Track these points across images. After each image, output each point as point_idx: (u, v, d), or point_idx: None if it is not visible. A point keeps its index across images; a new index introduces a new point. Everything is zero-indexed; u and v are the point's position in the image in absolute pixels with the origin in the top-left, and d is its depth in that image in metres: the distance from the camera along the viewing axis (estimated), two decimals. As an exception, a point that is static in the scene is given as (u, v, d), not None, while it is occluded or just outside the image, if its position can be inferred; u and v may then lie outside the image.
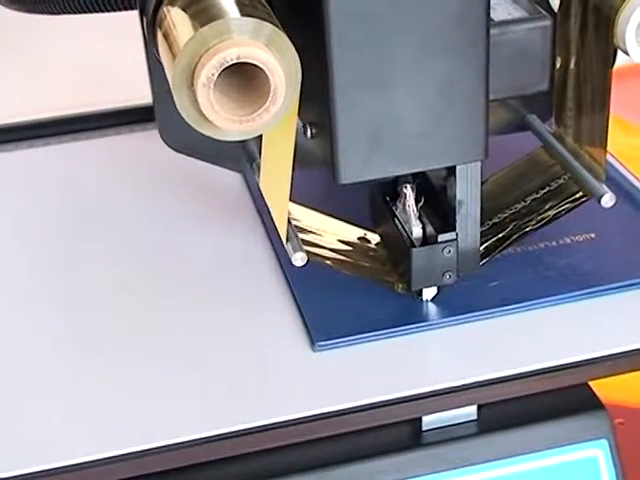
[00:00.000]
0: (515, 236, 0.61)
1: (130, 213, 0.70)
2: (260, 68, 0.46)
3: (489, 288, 0.60)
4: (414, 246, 0.58)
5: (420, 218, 0.59)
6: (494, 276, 0.61)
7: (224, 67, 0.46)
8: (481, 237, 0.59)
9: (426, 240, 0.58)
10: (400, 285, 0.60)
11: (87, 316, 0.61)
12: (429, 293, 0.59)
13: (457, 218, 0.57)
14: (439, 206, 0.58)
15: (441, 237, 0.57)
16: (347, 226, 0.63)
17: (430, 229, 0.58)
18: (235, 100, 0.47)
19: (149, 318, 0.61)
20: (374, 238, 0.63)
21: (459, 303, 0.59)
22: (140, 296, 0.62)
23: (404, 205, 0.59)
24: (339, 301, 0.60)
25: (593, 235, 0.65)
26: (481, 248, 0.59)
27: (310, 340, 0.58)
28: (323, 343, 0.57)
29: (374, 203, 0.63)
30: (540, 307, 0.59)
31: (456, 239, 0.57)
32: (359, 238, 0.63)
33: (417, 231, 0.58)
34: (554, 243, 0.64)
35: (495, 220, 0.61)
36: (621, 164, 0.71)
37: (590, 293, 0.60)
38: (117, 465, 0.52)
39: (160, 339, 0.59)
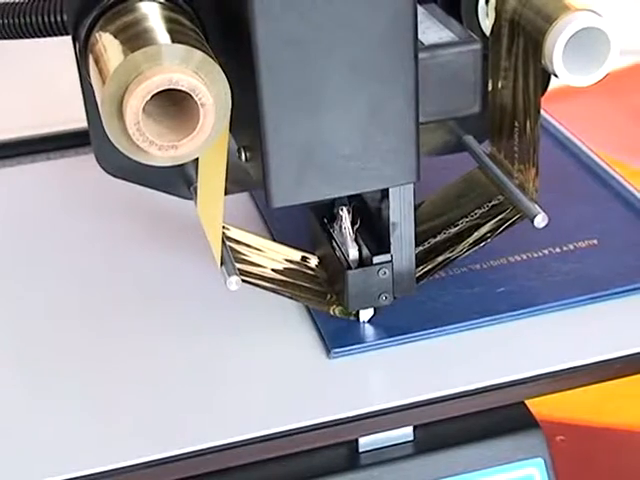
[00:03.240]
0: (451, 257, 0.61)
1: (108, 237, 0.70)
2: (189, 94, 0.46)
3: (498, 294, 0.61)
4: (350, 268, 0.58)
5: (356, 240, 0.59)
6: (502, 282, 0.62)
7: (153, 93, 0.46)
8: (419, 258, 0.60)
9: (362, 262, 0.59)
10: (336, 307, 0.60)
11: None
12: (366, 314, 0.60)
13: (391, 240, 0.57)
14: (375, 228, 0.59)
15: (376, 259, 0.58)
16: (287, 249, 0.63)
17: (366, 251, 0.58)
18: (165, 126, 0.48)
19: (159, 326, 0.61)
20: (313, 260, 0.63)
21: (476, 308, 0.60)
22: (146, 311, 0.63)
23: (340, 227, 0.59)
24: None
25: (595, 241, 0.66)
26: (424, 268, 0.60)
27: (326, 349, 0.58)
28: (339, 351, 0.58)
29: (312, 225, 0.63)
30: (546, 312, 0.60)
31: (391, 261, 0.58)
32: (299, 260, 0.63)
33: (353, 253, 0.58)
34: (558, 250, 0.65)
35: (427, 244, 0.62)
36: (616, 172, 0.72)
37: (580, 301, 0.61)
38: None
39: (174, 346, 0.59)
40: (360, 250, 0.59)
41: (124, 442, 0.53)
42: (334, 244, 0.60)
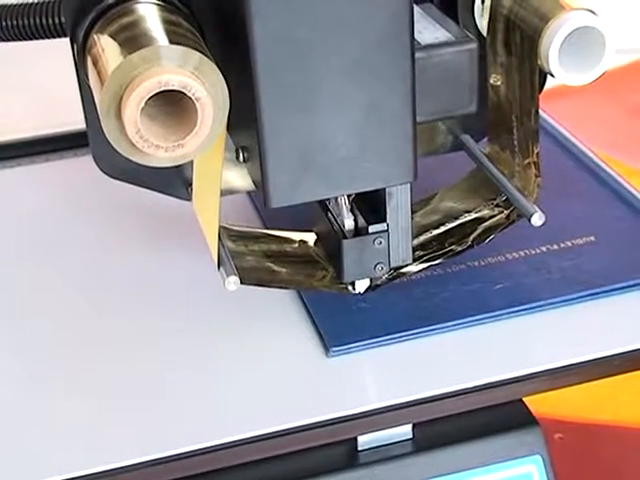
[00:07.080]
0: (453, 249, 0.62)
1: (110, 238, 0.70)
2: (187, 95, 0.47)
3: (496, 291, 0.62)
4: (345, 237, 0.58)
5: (352, 210, 0.59)
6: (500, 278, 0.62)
7: (151, 94, 0.46)
8: (417, 249, 0.60)
9: (358, 232, 0.58)
10: (332, 284, 0.60)
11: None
12: (362, 285, 0.60)
13: (387, 209, 0.57)
14: (371, 198, 0.59)
15: (372, 228, 0.58)
16: (283, 233, 0.63)
17: (362, 220, 0.58)
18: (163, 127, 0.48)
19: (161, 326, 0.62)
20: (311, 238, 0.63)
21: (474, 305, 0.60)
22: (144, 311, 0.63)
23: (336, 198, 0.59)
24: (350, 306, 0.61)
25: (593, 238, 0.66)
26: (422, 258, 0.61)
27: (324, 347, 0.58)
28: (337, 349, 0.58)
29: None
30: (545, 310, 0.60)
31: (387, 230, 0.58)
32: (296, 240, 0.63)
33: (349, 223, 0.58)
34: (555, 246, 0.65)
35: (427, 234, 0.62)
36: (614, 170, 0.73)
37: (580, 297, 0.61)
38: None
39: (173, 344, 0.60)
40: (356, 220, 0.58)
41: (119, 442, 0.54)
42: (330, 216, 0.60)
